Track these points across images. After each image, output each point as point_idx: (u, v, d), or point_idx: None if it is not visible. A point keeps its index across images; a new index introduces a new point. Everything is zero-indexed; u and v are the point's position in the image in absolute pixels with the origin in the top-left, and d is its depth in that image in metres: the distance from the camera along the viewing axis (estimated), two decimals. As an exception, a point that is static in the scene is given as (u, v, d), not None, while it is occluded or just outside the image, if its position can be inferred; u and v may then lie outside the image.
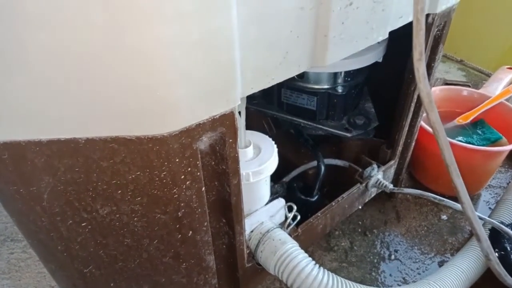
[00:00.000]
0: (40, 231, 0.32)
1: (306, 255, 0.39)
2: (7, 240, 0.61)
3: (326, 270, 0.38)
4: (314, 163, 0.54)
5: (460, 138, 0.64)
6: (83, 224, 0.30)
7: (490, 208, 0.63)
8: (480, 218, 0.46)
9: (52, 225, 0.31)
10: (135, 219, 0.30)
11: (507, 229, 0.47)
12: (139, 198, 0.29)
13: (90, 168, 0.26)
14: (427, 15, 0.41)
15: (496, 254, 0.49)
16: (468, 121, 0.66)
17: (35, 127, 0.24)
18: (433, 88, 0.68)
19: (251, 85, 0.28)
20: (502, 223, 0.52)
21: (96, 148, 0.25)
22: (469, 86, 0.86)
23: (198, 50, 0.23)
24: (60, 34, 0.20)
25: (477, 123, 0.66)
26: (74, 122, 0.24)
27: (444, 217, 0.61)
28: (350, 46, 0.32)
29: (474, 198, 0.65)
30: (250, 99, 0.56)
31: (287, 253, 0.39)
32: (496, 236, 0.52)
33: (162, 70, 0.22)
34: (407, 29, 0.36)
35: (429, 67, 0.47)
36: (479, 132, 0.65)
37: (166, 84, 0.23)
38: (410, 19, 0.39)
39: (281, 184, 0.54)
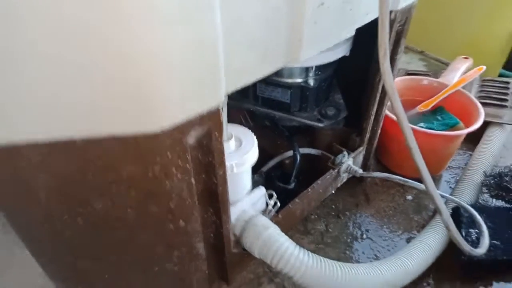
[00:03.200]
0: (33, 225, 0.33)
1: (287, 237, 0.42)
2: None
3: (306, 251, 0.42)
4: (290, 152, 0.57)
5: (421, 124, 0.69)
6: (78, 218, 0.32)
7: (450, 187, 0.69)
8: (442, 196, 0.51)
9: (46, 220, 0.32)
10: (129, 211, 0.32)
11: (466, 205, 0.52)
12: (133, 192, 0.30)
13: (86, 166, 0.28)
14: (390, 12, 0.44)
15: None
16: (429, 108, 0.71)
17: (32, 128, 0.26)
18: (396, 79, 0.73)
19: (234, 83, 0.30)
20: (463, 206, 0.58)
21: (93, 146, 0.27)
22: (429, 76, 0.92)
23: (188, 53, 0.25)
24: (53, 38, 0.22)
25: (436, 110, 0.71)
26: (70, 123, 0.26)
27: (409, 197, 0.66)
28: (322, 43, 0.35)
29: (437, 179, 0.71)
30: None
31: (270, 237, 0.42)
32: (455, 215, 0.57)
33: (155, 72, 0.24)
34: (372, 24, 0.39)
35: (392, 60, 0.51)
36: (439, 118, 0.70)
37: (158, 85, 0.25)
38: (375, 16, 0.42)
39: (260, 174, 0.57)
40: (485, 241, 0.48)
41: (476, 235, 0.53)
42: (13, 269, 0.56)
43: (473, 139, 0.74)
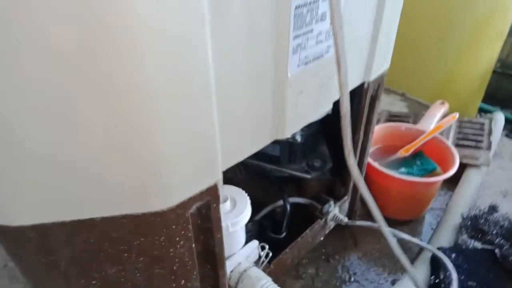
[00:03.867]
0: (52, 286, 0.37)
1: (279, 288, 0.47)
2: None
3: (296, 300, 0.46)
4: (281, 201, 0.62)
5: (402, 169, 0.74)
6: (93, 282, 0.36)
7: (432, 228, 0.74)
8: (417, 244, 0.56)
9: (65, 283, 0.36)
10: (138, 274, 0.36)
11: (437, 252, 0.56)
12: (141, 258, 0.35)
13: (103, 239, 0.33)
14: (363, 83, 0.51)
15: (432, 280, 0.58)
16: (409, 153, 0.77)
17: (60, 211, 0.30)
18: (378, 126, 0.79)
19: (229, 161, 0.36)
20: (440, 248, 0.63)
21: (109, 224, 0.31)
22: (410, 117, 0.99)
23: (190, 148, 0.30)
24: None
25: (416, 155, 0.77)
26: (92, 205, 0.30)
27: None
28: (303, 121, 0.41)
29: (419, 220, 0.76)
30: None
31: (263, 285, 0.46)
32: (435, 262, 0.61)
33: (162, 166, 0.29)
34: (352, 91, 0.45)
35: (369, 119, 0.57)
36: (418, 163, 0.76)
37: (165, 175, 0.30)
38: (352, 87, 0.48)
39: (253, 222, 0.61)
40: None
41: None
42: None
43: (453, 180, 0.79)
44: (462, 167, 0.83)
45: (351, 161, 0.36)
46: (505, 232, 0.66)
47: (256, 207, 0.63)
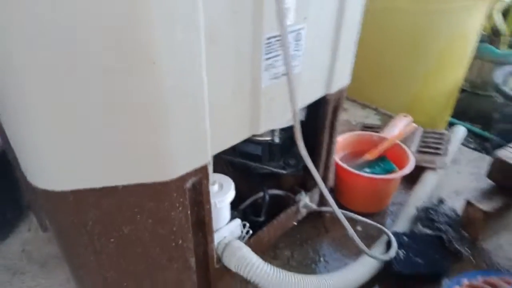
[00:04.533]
0: (79, 246, 0.49)
1: (257, 256, 0.58)
2: (16, 273, 0.74)
3: (271, 265, 0.58)
4: (261, 193, 0.74)
5: (367, 169, 0.87)
6: (111, 240, 0.48)
7: (393, 220, 0.86)
8: (381, 229, 0.68)
9: (89, 241, 0.48)
10: (146, 234, 0.48)
11: (387, 231, 0.69)
12: (150, 220, 0.47)
13: (122, 203, 0.45)
14: (326, 95, 0.63)
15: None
16: (374, 157, 0.90)
17: (93, 179, 0.42)
18: (348, 134, 0.92)
19: (216, 148, 0.48)
20: (394, 232, 0.75)
21: (128, 190, 0.43)
22: (381, 128, 1.12)
23: (189, 133, 0.42)
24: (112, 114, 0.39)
25: (380, 159, 0.90)
26: (117, 175, 0.42)
27: (359, 228, 0.83)
28: (275, 123, 0.54)
29: (382, 214, 0.88)
30: (213, 148, 0.75)
31: (243, 255, 0.57)
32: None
33: (168, 145, 0.41)
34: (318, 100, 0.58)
35: (333, 124, 0.70)
36: (381, 165, 0.88)
37: (170, 153, 0.42)
38: (315, 98, 0.61)
39: (237, 211, 0.73)
40: (392, 250, 0.65)
41: (403, 253, 0.70)
42: None
43: (415, 181, 0.92)
44: (422, 170, 0.96)
45: (302, 149, 0.49)
46: (451, 220, 0.78)
47: (240, 198, 0.75)
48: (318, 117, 0.68)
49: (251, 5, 0.42)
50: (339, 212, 0.59)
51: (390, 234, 0.71)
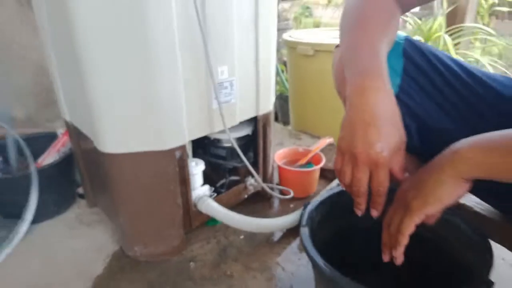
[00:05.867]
0: (127, 192, 0.96)
1: (217, 203, 1.04)
2: (73, 229, 1.19)
3: (225, 208, 1.03)
4: (225, 179, 1.20)
5: (300, 169, 1.33)
6: (140, 186, 0.95)
7: (315, 201, 1.30)
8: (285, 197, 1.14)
9: (133, 188, 0.95)
10: (156, 181, 0.95)
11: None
12: (157, 172, 0.94)
13: (146, 161, 0.92)
14: (257, 115, 1.12)
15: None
16: (304, 162, 1.37)
17: (135, 147, 0.90)
18: (287, 148, 1.40)
19: (190, 136, 0.96)
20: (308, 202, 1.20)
21: (148, 154, 0.91)
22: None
23: (174, 126, 0.91)
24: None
25: (307, 163, 1.37)
26: (145, 145, 0.90)
27: (291, 205, 1.27)
28: (224, 127, 1.02)
29: (311, 196, 1.32)
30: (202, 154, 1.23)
31: (209, 203, 1.03)
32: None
33: (168, 134, 0.90)
34: (254, 120, 1.07)
35: (265, 137, 1.18)
36: (307, 166, 1.35)
37: (166, 135, 0.90)
38: (248, 117, 1.10)
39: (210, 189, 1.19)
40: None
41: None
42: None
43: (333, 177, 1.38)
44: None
45: (240, 153, 0.97)
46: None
47: (214, 181, 1.21)
48: (256, 131, 1.17)
49: (205, 75, 0.93)
50: (261, 181, 1.05)
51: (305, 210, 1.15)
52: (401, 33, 0.74)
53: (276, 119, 2.39)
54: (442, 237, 0.70)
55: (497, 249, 0.62)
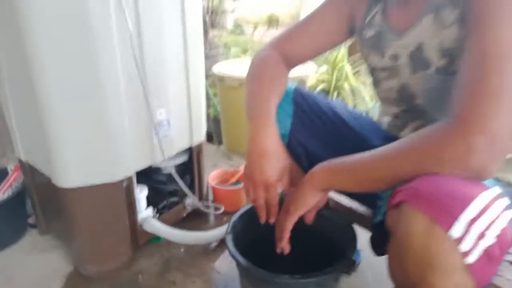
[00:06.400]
0: (82, 219, 1.12)
1: (160, 223, 1.24)
2: (28, 254, 1.31)
3: (167, 225, 1.23)
4: (167, 199, 1.41)
5: (229, 188, 1.57)
6: (93, 211, 1.12)
7: (244, 214, 1.55)
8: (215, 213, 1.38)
9: (88, 214, 1.12)
10: (107, 205, 1.13)
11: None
12: (108, 198, 1.12)
13: (99, 191, 1.10)
14: (191, 145, 1.35)
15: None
16: (234, 181, 1.61)
17: (90, 180, 1.08)
18: (217, 171, 1.63)
19: (135, 168, 1.16)
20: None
21: (101, 185, 1.09)
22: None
23: (123, 162, 1.11)
24: (96, 161, 1.07)
25: (236, 182, 1.61)
26: (99, 178, 1.08)
27: (225, 218, 1.51)
28: (165, 157, 1.23)
29: (240, 212, 1.57)
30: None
31: (152, 222, 1.23)
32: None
33: (119, 168, 1.09)
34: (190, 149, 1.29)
35: (199, 163, 1.40)
36: (236, 185, 1.59)
37: (118, 170, 1.10)
38: (185, 148, 1.32)
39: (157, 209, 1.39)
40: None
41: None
42: (44, 261, 1.28)
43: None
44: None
45: (176, 177, 1.18)
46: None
47: (158, 202, 1.40)
48: (191, 158, 1.39)
49: (146, 116, 1.14)
50: (196, 201, 1.27)
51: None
52: (292, 84, 1.02)
53: (211, 139, 2.62)
54: (323, 228, 0.96)
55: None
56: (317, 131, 0.98)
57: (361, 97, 2.20)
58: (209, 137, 2.44)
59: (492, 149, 0.59)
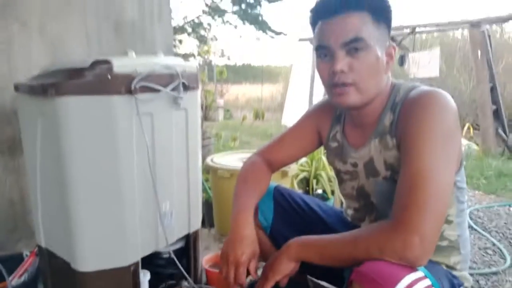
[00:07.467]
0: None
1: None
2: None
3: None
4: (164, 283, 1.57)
5: (221, 270, 1.74)
6: (101, 293, 1.28)
7: None
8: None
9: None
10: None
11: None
12: (116, 280, 1.29)
13: (109, 274, 1.27)
14: (188, 233, 1.55)
15: None
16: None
17: (104, 264, 1.26)
18: (210, 254, 1.81)
19: (141, 254, 1.35)
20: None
21: (112, 269, 1.27)
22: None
23: (131, 249, 1.30)
24: (110, 248, 1.27)
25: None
26: (110, 263, 1.27)
27: (216, 300, 1.65)
28: (168, 243, 1.43)
29: None
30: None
31: (153, 303, 1.39)
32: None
33: (128, 256, 1.29)
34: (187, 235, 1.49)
35: (195, 246, 1.60)
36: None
37: (127, 257, 1.29)
38: (182, 235, 1.53)
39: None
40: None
41: None
42: None
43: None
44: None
45: (177, 262, 1.38)
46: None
47: (157, 285, 1.55)
48: (188, 243, 1.58)
49: (153, 209, 1.36)
50: (192, 283, 1.45)
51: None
52: (273, 183, 1.29)
53: (204, 223, 2.80)
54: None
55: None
56: (293, 221, 1.23)
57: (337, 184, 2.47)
58: (201, 221, 2.64)
59: (422, 245, 0.84)
